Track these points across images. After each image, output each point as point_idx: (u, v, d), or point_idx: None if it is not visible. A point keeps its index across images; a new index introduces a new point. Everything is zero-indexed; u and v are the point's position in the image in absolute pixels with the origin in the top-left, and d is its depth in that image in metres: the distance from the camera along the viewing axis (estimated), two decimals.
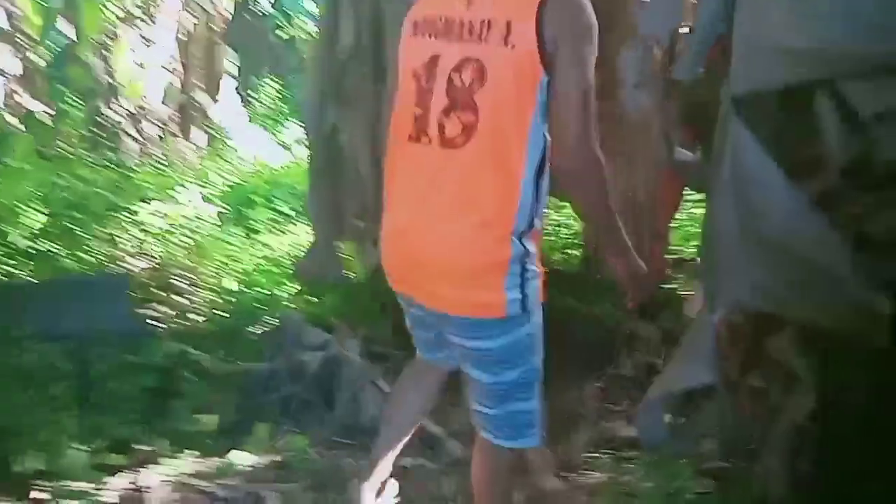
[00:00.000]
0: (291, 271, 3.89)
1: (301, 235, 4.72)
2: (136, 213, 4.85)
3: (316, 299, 3.80)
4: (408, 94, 1.64)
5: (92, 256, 4.30)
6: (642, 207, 3.64)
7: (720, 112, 1.46)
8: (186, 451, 2.50)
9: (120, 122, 6.47)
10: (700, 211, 4.31)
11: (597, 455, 2.63)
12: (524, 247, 1.57)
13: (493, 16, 1.51)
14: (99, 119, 6.48)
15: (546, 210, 1.70)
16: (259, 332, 3.43)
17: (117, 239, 4.63)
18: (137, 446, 2.47)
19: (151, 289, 3.97)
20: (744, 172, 1.40)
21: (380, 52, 3.30)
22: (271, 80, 8.59)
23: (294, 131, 7.55)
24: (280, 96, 8.55)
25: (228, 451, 2.52)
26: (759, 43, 1.39)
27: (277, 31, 8.39)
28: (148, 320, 3.46)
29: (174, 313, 3.73)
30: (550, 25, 1.46)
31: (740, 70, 1.41)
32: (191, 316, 3.73)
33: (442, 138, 1.56)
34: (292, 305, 3.78)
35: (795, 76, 1.36)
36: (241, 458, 2.50)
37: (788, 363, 1.49)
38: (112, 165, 5.54)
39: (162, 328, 3.45)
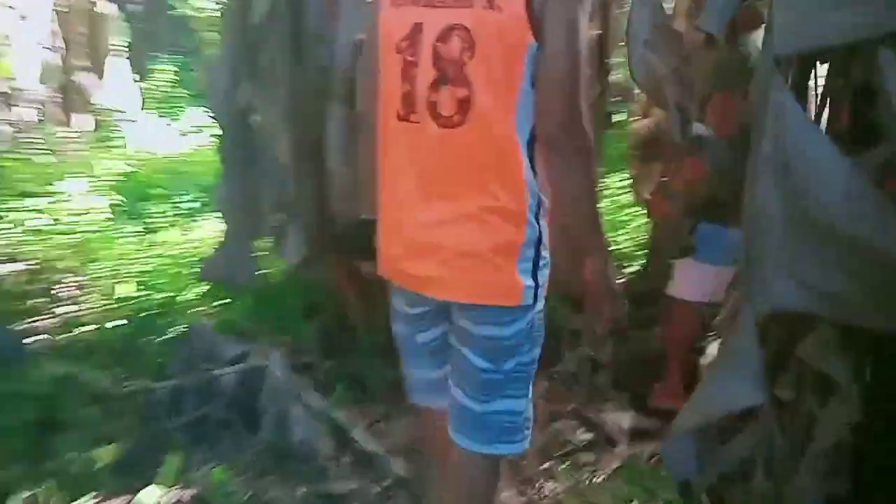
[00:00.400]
0: (197, 272, 3.61)
1: (206, 231, 4.45)
2: (7, 208, 4.41)
3: (227, 301, 3.54)
4: (392, 70, 1.55)
5: None
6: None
7: (757, 76, 1.23)
8: (81, 493, 2.23)
9: None
10: (626, 198, 4.30)
11: (552, 462, 2.51)
12: (539, 226, 1.51)
13: None
14: None
15: None
16: (162, 343, 3.15)
17: None
18: (18, 493, 2.17)
19: (28, 299, 3.57)
20: (788, 145, 1.20)
21: (299, 22, 3.02)
22: (167, 60, 8.04)
23: (193, 117, 7.21)
24: (178, 79, 8.14)
25: (133, 489, 2.27)
26: None
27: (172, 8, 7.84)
28: (25, 338, 3.11)
29: (58, 326, 3.36)
30: None
31: (785, 24, 1.20)
32: (78, 328, 3.37)
33: (435, 116, 1.48)
34: (200, 311, 3.51)
35: (856, 29, 1.15)
36: (150, 496, 2.26)
37: (825, 368, 1.31)
38: None
39: (43, 345, 3.11)
